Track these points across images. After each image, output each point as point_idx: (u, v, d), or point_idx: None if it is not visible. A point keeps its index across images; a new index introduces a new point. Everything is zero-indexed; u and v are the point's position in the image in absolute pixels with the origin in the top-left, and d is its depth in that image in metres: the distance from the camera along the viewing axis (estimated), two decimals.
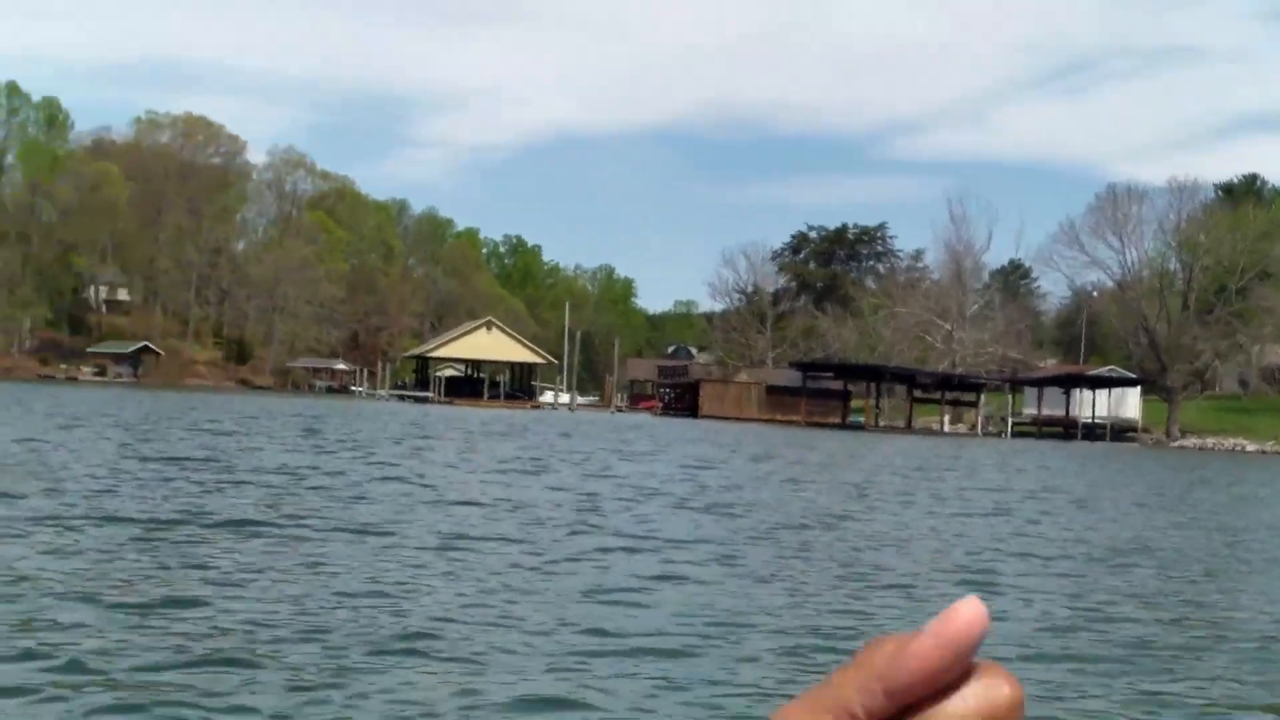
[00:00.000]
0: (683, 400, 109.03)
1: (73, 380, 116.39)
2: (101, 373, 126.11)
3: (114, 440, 27.70)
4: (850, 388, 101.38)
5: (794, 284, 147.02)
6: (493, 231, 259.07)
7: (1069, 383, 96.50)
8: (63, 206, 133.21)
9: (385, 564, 11.58)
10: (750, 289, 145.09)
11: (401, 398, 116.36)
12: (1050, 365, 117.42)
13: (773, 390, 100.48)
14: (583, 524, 15.67)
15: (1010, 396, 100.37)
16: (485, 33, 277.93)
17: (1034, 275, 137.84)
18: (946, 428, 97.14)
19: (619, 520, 16.21)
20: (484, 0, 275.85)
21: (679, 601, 10.15)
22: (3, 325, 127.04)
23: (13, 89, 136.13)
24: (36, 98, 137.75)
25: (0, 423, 31.56)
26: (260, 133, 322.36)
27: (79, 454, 22.77)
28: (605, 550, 13.23)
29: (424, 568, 11.53)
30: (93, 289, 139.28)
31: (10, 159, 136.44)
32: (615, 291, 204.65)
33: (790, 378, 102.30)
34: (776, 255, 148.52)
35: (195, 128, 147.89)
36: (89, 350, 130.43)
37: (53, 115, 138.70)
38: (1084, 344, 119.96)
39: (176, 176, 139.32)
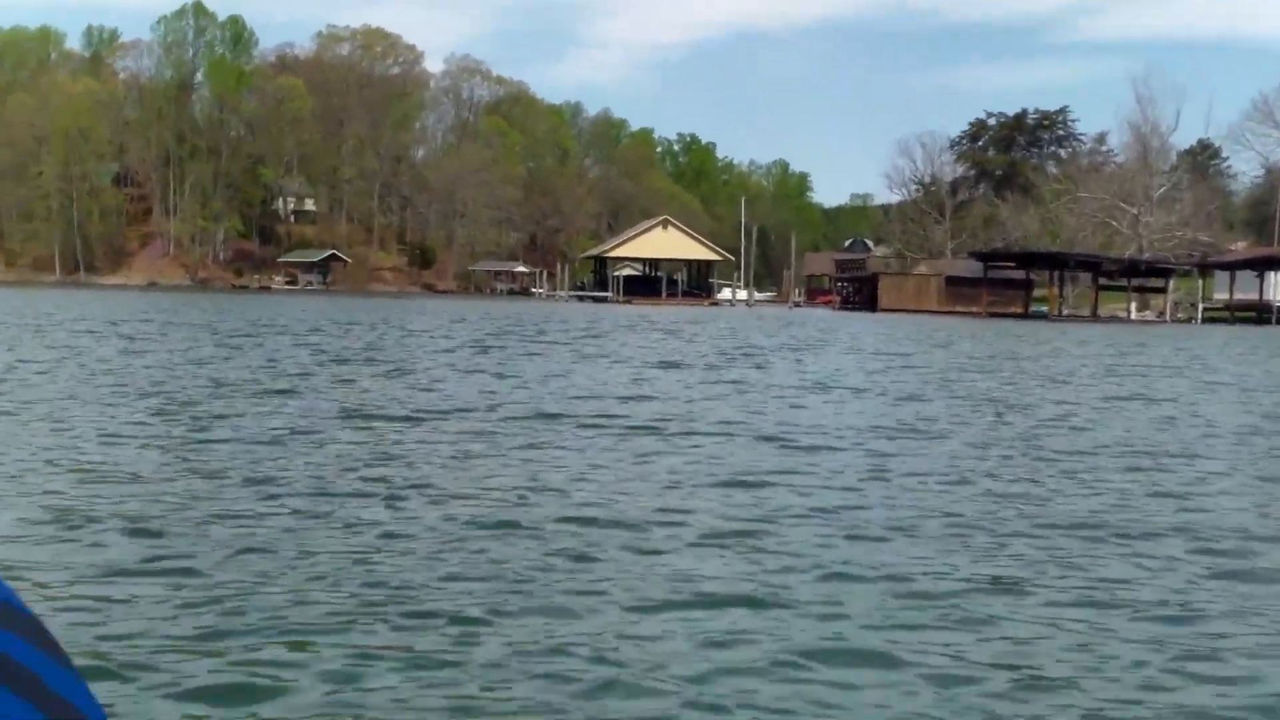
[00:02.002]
0: (861, 294, 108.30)
1: (265, 289, 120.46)
2: (292, 281, 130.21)
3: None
4: (1033, 277, 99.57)
5: (972, 172, 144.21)
6: (667, 130, 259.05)
7: (1263, 265, 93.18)
8: (250, 121, 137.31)
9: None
10: (928, 179, 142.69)
11: (580, 298, 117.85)
12: (1242, 248, 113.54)
13: (952, 281, 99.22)
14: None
15: (1200, 281, 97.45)
16: None
17: (1224, 155, 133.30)
18: (1134, 314, 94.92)
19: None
20: None
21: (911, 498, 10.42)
22: (198, 238, 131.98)
23: (199, 9, 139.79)
24: (222, 16, 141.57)
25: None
26: (437, 41, 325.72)
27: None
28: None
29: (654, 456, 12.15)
30: (281, 200, 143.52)
31: (199, 77, 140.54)
32: (790, 186, 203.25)
33: (970, 268, 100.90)
34: (954, 143, 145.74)
35: (374, 39, 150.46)
36: (279, 260, 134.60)
37: (238, 33, 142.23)
38: (1278, 224, 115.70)
39: (357, 88, 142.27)
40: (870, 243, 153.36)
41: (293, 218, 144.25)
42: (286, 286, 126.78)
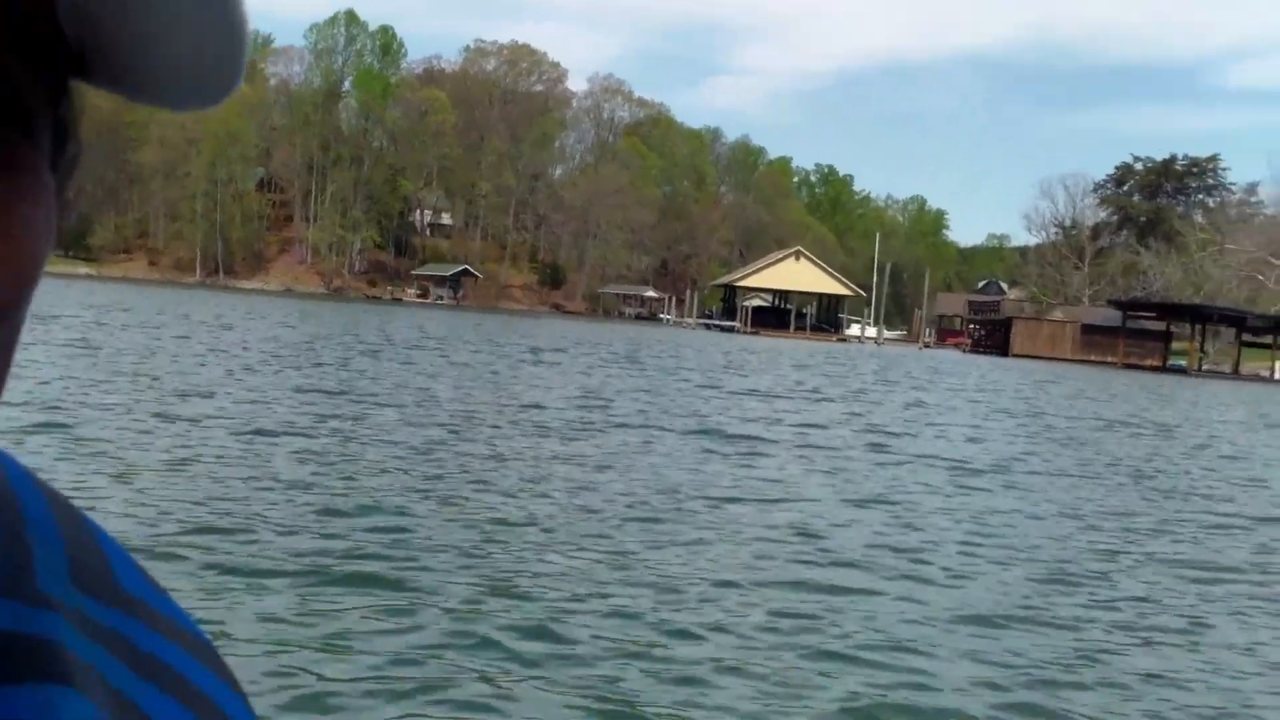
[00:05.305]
0: (993, 337, 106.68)
1: (397, 301, 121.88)
2: (424, 294, 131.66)
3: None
4: (1173, 329, 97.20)
5: (1115, 218, 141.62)
6: (804, 160, 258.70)
7: None
8: (393, 132, 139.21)
9: None
10: (1068, 222, 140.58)
11: (708, 326, 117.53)
12: None
13: (1088, 329, 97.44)
14: None
15: None
16: None
17: None
18: (1278, 374, 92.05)
19: None
20: None
21: None
22: (335, 246, 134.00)
23: (351, 18, 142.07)
24: (373, 26, 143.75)
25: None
26: (581, 60, 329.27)
27: None
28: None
29: None
30: (418, 213, 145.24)
31: (347, 85, 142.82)
32: (926, 223, 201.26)
33: (1107, 317, 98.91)
34: (1098, 187, 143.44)
35: (520, 56, 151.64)
36: (413, 273, 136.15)
37: (387, 43, 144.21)
38: None
39: (500, 103, 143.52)
40: (1005, 285, 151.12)
41: (428, 231, 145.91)
42: (418, 299, 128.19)
